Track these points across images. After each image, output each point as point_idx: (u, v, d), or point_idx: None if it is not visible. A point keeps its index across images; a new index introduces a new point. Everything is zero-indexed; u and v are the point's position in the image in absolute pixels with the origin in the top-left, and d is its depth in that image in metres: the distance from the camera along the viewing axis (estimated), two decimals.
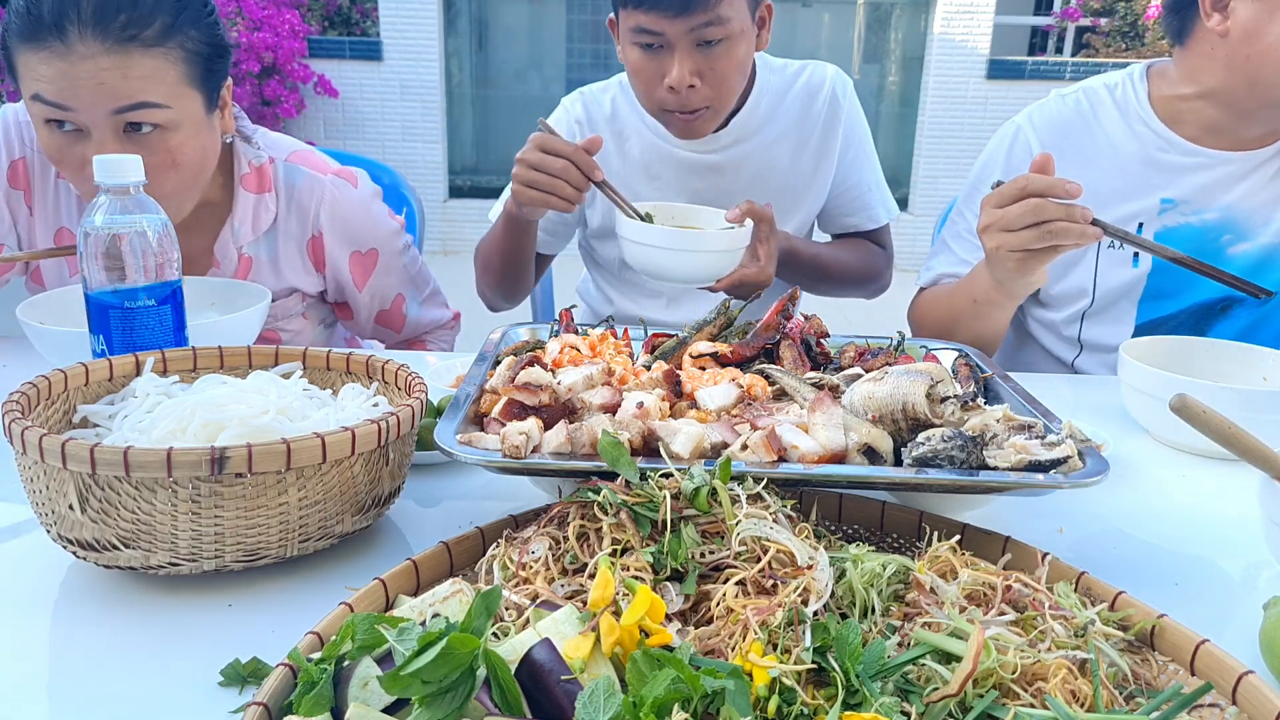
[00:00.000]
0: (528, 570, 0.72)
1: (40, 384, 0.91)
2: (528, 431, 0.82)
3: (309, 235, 1.55)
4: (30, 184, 1.48)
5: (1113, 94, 1.59)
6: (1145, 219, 1.56)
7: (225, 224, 1.50)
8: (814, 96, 1.78)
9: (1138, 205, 1.56)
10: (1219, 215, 1.54)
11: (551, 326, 1.17)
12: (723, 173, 1.76)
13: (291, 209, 1.53)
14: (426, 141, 6.60)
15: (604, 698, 0.53)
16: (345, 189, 1.56)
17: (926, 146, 6.68)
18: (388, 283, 1.65)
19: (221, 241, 1.51)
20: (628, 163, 1.78)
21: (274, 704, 0.58)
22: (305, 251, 1.56)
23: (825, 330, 1.15)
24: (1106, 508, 1.05)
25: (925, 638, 0.63)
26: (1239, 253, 1.54)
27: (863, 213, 1.87)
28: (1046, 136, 1.61)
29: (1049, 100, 1.65)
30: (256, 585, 0.84)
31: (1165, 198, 1.55)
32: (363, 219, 1.58)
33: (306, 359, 1.07)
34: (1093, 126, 1.59)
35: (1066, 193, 1.18)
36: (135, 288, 1.08)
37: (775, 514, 0.73)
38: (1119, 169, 1.57)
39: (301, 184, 1.53)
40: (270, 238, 1.53)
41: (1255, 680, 0.62)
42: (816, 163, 1.80)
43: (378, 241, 1.61)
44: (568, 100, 1.84)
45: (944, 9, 6.42)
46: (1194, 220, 1.55)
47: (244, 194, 1.49)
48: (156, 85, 1.27)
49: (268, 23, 5.74)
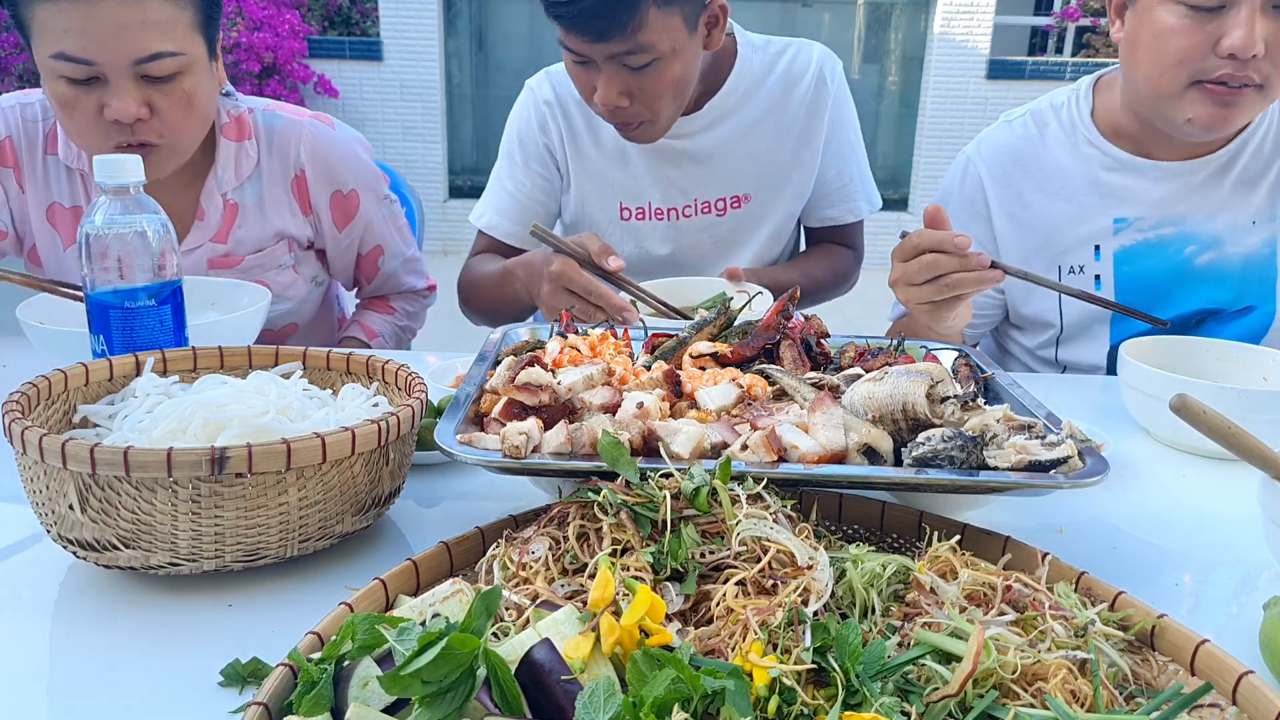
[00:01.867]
0: (528, 570, 0.72)
1: (40, 384, 0.91)
2: (528, 431, 0.82)
3: (292, 175, 1.58)
4: (19, 162, 1.51)
5: (1058, 115, 1.59)
6: (1101, 240, 1.55)
7: (209, 174, 1.54)
8: (799, 78, 1.72)
9: (1091, 227, 1.55)
10: (1176, 229, 1.52)
11: (551, 326, 1.17)
12: (698, 161, 1.72)
13: (273, 152, 1.57)
14: (426, 141, 6.60)
15: (604, 698, 0.53)
16: (323, 129, 1.61)
17: (926, 146, 6.67)
18: (368, 231, 1.67)
19: (207, 190, 1.54)
20: (600, 149, 1.74)
21: (274, 704, 0.58)
22: (291, 192, 1.59)
23: (825, 330, 1.15)
24: (1106, 508, 1.05)
25: (925, 638, 0.63)
26: (1205, 263, 1.52)
27: (843, 204, 1.81)
28: (994, 166, 1.61)
29: (997, 127, 1.64)
30: (256, 585, 0.84)
31: (1118, 217, 1.54)
32: (344, 156, 1.62)
33: (306, 359, 1.07)
34: (1040, 151, 1.58)
35: (955, 247, 1.19)
36: (135, 288, 1.08)
37: (775, 514, 0.73)
38: (1068, 193, 1.56)
39: (280, 127, 1.57)
40: (254, 182, 1.57)
41: (1255, 680, 0.62)
42: (799, 149, 1.74)
43: (359, 183, 1.63)
44: (533, 81, 1.79)
45: (944, 9, 6.42)
46: (1151, 236, 1.53)
47: (225, 142, 1.53)
48: (170, 32, 1.32)
49: (268, 23, 5.74)
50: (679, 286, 1.55)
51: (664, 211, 1.76)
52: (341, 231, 1.64)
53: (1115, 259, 1.55)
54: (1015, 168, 1.59)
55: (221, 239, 1.56)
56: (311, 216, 1.62)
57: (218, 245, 1.57)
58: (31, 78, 5.23)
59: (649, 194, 1.75)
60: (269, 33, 5.70)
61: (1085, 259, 1.57)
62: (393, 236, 1.72)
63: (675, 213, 1.76)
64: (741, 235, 1.79)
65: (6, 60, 5.28)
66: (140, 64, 1.31)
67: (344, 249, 1.68)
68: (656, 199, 1.75)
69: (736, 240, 1.79)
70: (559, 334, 1.12)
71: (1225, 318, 1.55)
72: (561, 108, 1.74)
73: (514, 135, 1.80)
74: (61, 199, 1.53)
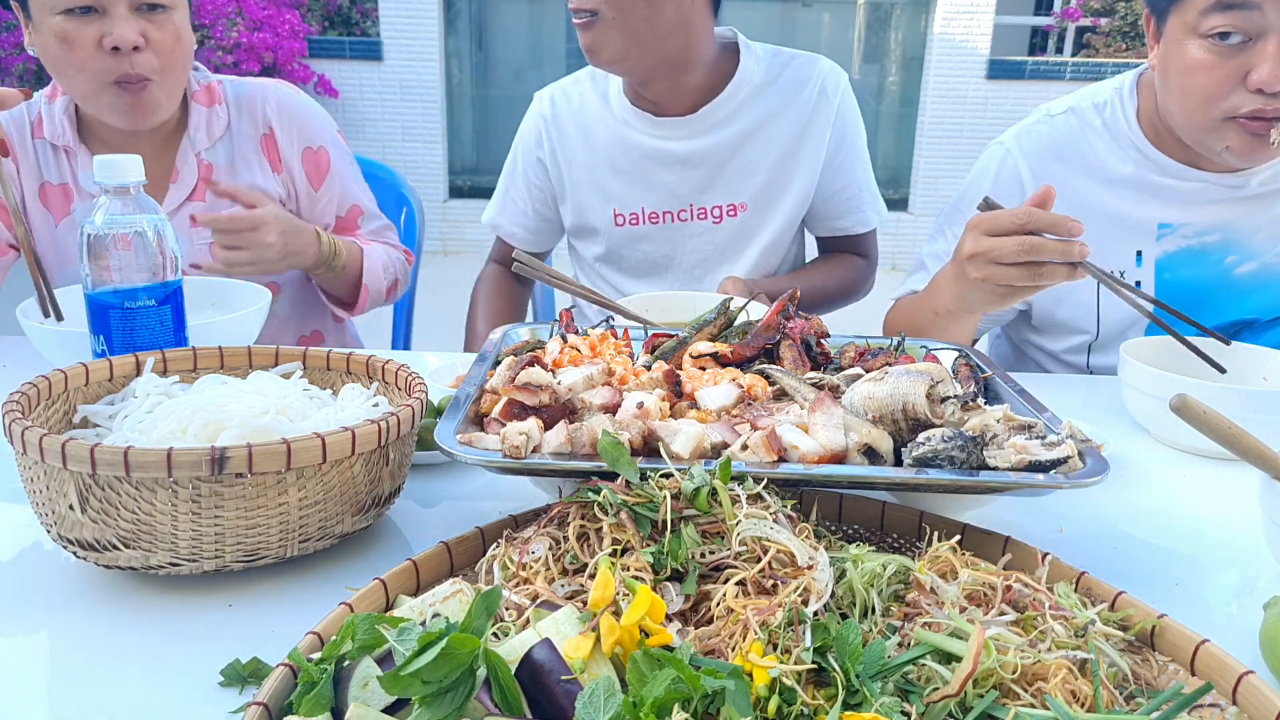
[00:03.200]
0: (528, 570, 0.72)
1: (40, 384, 0.91)
2: (528, 431, 0.82)
3: (261, 133, 1.69)
4: (11, 148, 1.59)
5: (1101, 114, 1.54)
6: (1144, 245, 1.52)
7: (183, 137, 1.64)
8: (800, 89, 1.71)
9: (1134, 231, 1.52)
10: (1220, 237, 1.49)
11: (551, 326, 1.17)
12: (691, 166, 1.72)
13: (241, 113, 1.68)
14: (426, 141, 6.60)
15: (604, 698, 0.53)
16: (287, 88, 1.73)
17: (926, 146, 6.68)
18: (344, 188, 1.74)
19: (181, 152, 1.64)
20: (594, 156, 1.76)
21: (274, 704, 0.58)
22: (261, 150, 1.68)
23: (825, 330, 1.15)
24: (1106, 508, 1.05)
25: (925, 638, 0.63)
26: (1246, 273, 1.50)
27: (853, 215, 1.81)
28: (1035, 160, 1.55)
29: (1037, 121, 1.59)
30: (256, 585, 0.84)
31: (1163, 222, 1.50)
32: (309, 111, 1.73)
33: (307, 359, 1.07)
34: (1083, 148, 1.54)
35: (1069, 231, 1.13)
36: (135, 288, 1.08)
37: (775, 514, 0.73)
38: (1113, 194, 1.52)
39: (246, 91, 1.69)
40: (226, 143, 1.67)
41: (1255, 680, 0.62)
42: (797, 161, 1.73)
43: (325, 139, 1.73)
44: (540, 94, 1.85)
45: (944, 9, 6.42)
46: (1194, 243, 1.50)
47: (197, 107, 1.65)
48: None
49: (268, 23, 5.74)
50: (673, 300, 1.54)
51: (659, 215, 1.77)
52: (318, 190, 1.72)
53: (1158, 265, 1.51)
54: (1058, 163, 1.54)
55: (200, 197, 1.64)
56: (283, 175, 1.69)
57: (198, 204, 1.63)
58: (31, 78, 5.23)
59: (642, 199, 1.76)
60: (269, 33, 5.70)
61: (1126, 263, 1.53)
62: (368, 199, 1.80)
63: (670, 216, 1.76)
64: (739, 244, 1.79)
65: (6, 60, 5.28)
66: None
67: (321, 209, 1.73)
68: (650, 203, 1.76)
69: (734, 249, 1.79)
70: (559, 334, 1.12)
71: (1260, 327, 1.53)
72: (556, 122, 1.79)
73: (517, 146, 1.88)
74: (50, 178, 1.62)
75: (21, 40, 1.61)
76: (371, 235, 1.80)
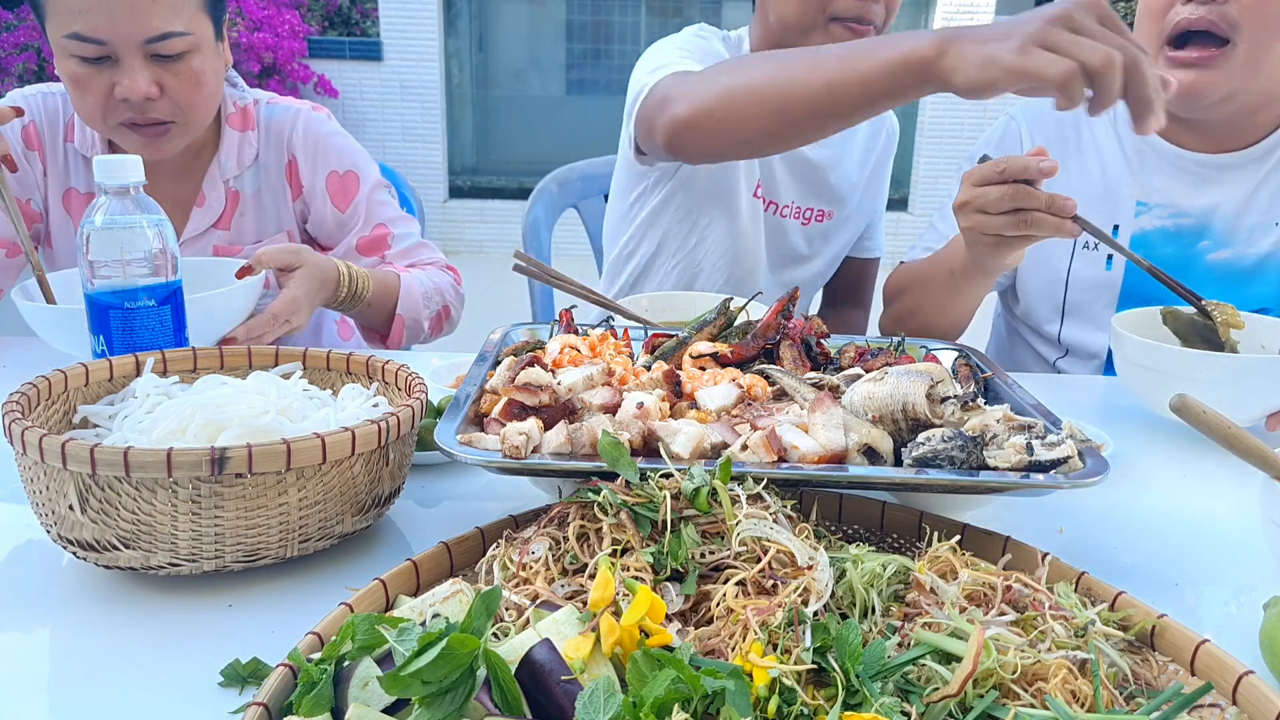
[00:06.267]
0: (528, 570, 0.72)
1: (40, 384, 0.91)
2: (528, 432, 0.82)
3: (285, 161, 1.63)
4: (42, 146, 1.56)
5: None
6: (1121, 221, 1.55)
7: (213, 161, 1.58)
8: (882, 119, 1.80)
9: (1114, 206, 1.55)
10: (1196, 220, 1.52)
11: (551, 326, 1.17)
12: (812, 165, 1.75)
13: (270, 141, 1.62)
14: (426, 142, 6.60)
15: (604, 698, 0.53)
16: (318, 117, 1.66)
17: (926, 146, 6.68)
18: (372, 210, 1.66)
19: (210, 177, 1.58)
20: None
21: (274, 704, 0.58)
22: (285, 178, 1.63)
23: (825, 330, 1.15)
24: (1106, 508, 1.05)
25: (925, 638, 0.63)
26: (1218, 260, 1.52)
27: (869, 240, 1.89)
28: (1036, 129, 1.62)
29: None
30: (256, 585, 0.84)
31: (1140, 200, 1.54)
32: (337, 142, 1.65)
33: (306, 359, 1.07)
34: (1080, 124, 1.59)
35: (1040, 171, 1.14)
36: (135, 288, 1.08)
37: (775, 514, 0.73)
38: (1101, 169, 1.56)
39: (277, 115, 1.63)
40: (254, 172, 1.61)
41: (1255, 680, 0.62)
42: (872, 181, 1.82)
43: (355, 165, 1.66)
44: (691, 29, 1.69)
45: (944, 9, 6.42)
46: (1169, 224, 1.53)
47: (230, 131, 1.58)
48: (179, 12, 1.37)
49: (268, 23, 5.74)
50: (672, 300, 1.53)
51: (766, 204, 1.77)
52: (345, 213, 1.64)
53: (1132, 242, 1.54)
54: (1056, 133, 1.60)
55: (225, 225, 1.60)
56: (301, 200, 1.64)
57: (222, 232, 1.60)
58: (31, 78, 5.23)
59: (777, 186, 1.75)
60: (269, 33, 5.70)
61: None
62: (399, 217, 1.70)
63: (775, 207, 1.77)
64: (811, 251, 1.82)
65: (6, 60, 5.28)
66: (150, 43, 1.35)
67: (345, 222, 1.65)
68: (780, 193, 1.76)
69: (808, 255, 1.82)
70: (559, 334, 1.12)
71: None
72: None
73: None
74: (78, 185, 1.59)
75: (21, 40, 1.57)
76: (403, 256, 1.70)
